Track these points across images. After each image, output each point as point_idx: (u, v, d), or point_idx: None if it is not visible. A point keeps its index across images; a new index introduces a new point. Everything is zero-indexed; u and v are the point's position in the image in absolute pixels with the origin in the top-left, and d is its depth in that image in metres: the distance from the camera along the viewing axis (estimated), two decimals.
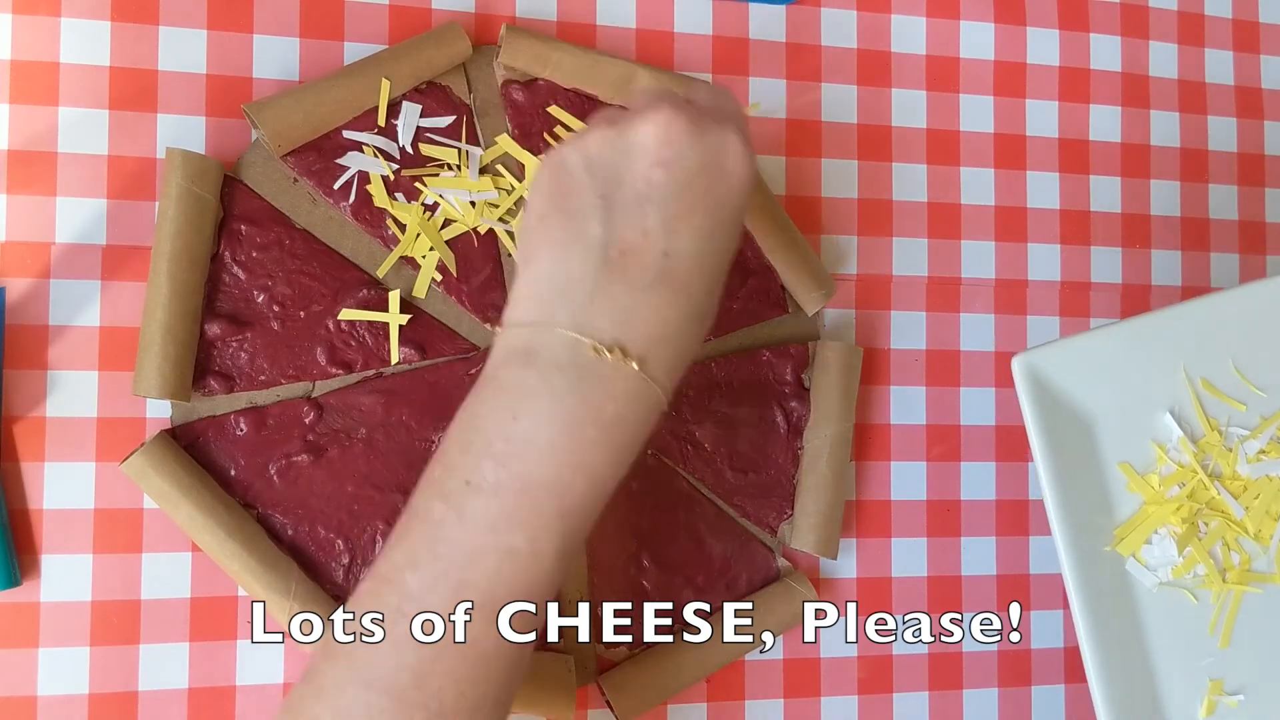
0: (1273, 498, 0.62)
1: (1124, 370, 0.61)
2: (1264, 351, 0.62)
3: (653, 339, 0.44)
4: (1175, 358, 0.61)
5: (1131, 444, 0.62)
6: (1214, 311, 0.61)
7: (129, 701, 0.57)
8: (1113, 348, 0.60)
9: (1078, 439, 0.61)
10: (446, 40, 0.61)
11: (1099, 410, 0.62)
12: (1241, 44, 0.77)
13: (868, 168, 0.69)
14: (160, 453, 0.56)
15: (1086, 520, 0.60)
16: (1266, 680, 0.63)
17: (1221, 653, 0.62)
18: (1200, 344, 0.61)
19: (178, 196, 0.56)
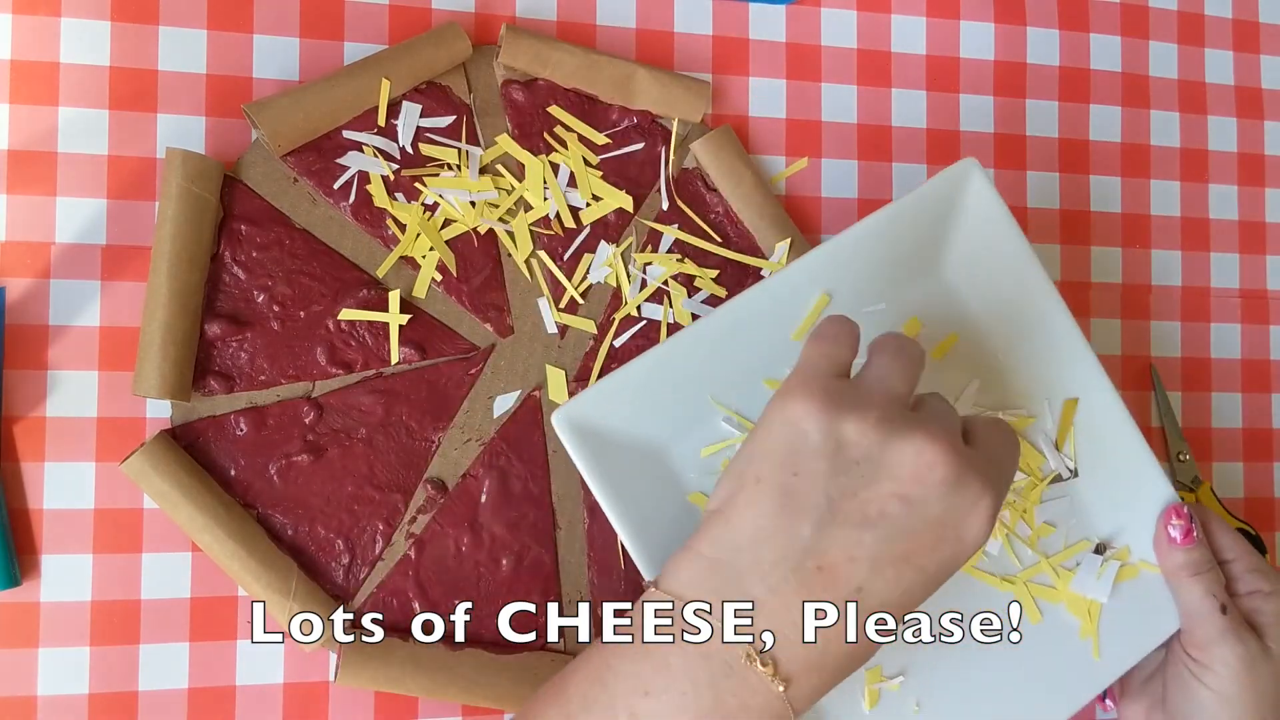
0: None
1: (679, 393, 0.55)
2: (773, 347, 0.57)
3: (807, 664, 0.42)
4: (728, 365, 0.56)
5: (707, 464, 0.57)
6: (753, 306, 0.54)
7: (129, 701, 0.57)
8: (656, 376, 0.54)
9: (655, 474, 0.56)
10: (446, 40, 0.61)
11: (669, 440, 0.56)
12: (1241, 44, 0.77)
13: (867, 168, 0.69)
14: (160, 453, 0.56)
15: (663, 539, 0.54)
16: (923, 649, 0.58)
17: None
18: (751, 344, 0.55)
19: (178, 196, 0.56)
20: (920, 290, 0.58)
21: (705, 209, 0.65)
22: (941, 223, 0.57)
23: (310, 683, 0.59)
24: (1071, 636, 0.58)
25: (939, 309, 0.59)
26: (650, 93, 0.64)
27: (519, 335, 0.63)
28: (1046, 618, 0.59)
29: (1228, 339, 0.75)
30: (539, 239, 0.63)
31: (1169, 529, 0.56)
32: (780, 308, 0.55)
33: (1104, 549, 0.59)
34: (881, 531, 0.42)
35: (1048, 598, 0.59)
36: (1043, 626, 0.58)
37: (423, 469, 0.61)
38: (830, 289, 0.56)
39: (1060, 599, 0.59)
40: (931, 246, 0.58)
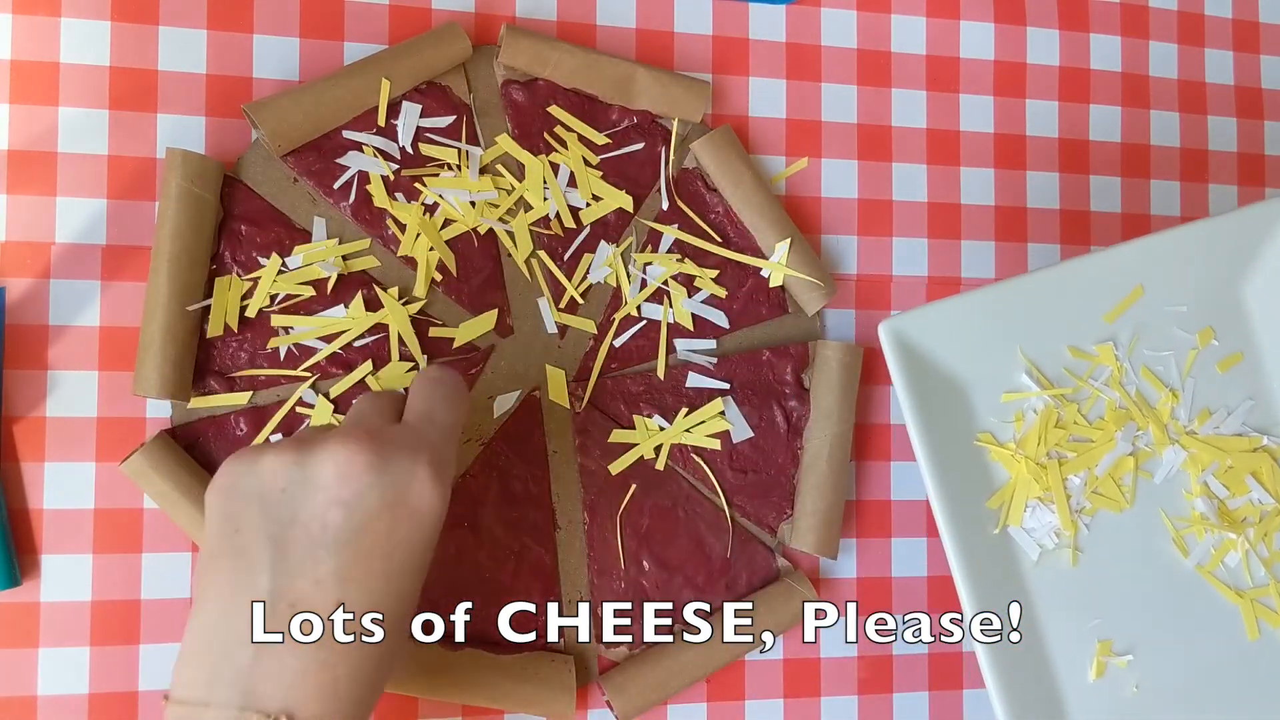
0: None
1: (995, 335, 0.61)
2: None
3: (324, 699, 0.41)
4: (1042, 323, 0.62)
5: (1002, 410, 0.63)
6: (1080, 273, 0.61)
7: (129, 701, 0.57)
8: (983, 312, 0.60)
9: (953, 408, 0.61)
10: (446, 40, 0.61)
11: (972, 377, 0.62)
12: (1241, 44, 0.77)
13: (868, 168, 0.69)
14: (160, 453, 0.56)
15: (964, 491, 0.60)
16: (1153, 636, 0.62)
17: (1108, 614, 0.62)
18: (1063, 309, 0.62)
19: (178, 196, 0.56)
20: (1220, 303, 0.64)
21: (705, 209, 0.65)
22: (1255, 246, 0.62)
23: None
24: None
25: (1232, 325, 0.64)
26: (650, 93, 0.64)
27: (519, 335, 0.63)
28: (1265, 636, 0.63)
29: None
30: (539, 239, 0.63)
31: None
32: (1098, 285, 0.61)
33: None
34: (332, 542, 0.42)
35: (1270, 620, 0.63)
36: (1260, 645, 0.63)
37: None
38: (1144, 281, 0.62)
39: (1279, 624, 0.63)
40: (1240, 265, 0.63)
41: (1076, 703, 0.61)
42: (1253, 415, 0.65)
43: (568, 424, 0.63)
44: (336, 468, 0.42)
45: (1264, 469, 0.64)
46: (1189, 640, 0.63)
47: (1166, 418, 0.64)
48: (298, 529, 0.42)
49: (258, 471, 0.43)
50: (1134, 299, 0.62)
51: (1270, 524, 0.64)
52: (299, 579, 0.41)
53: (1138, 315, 0.63)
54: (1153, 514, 0.64)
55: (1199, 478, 0.64)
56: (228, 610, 0.41)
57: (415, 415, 0.46)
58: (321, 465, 0.42)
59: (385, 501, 0.42)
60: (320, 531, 0.41)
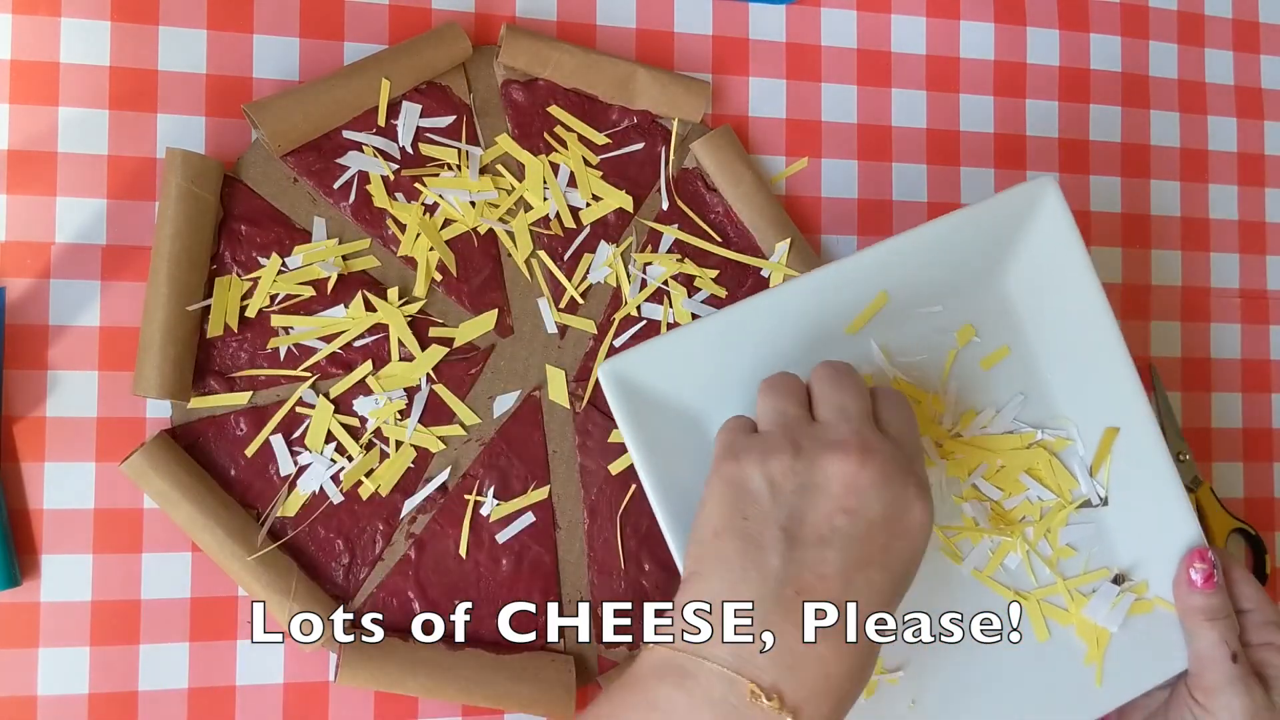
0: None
1: (728, 364, 0.55)
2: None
3: (813, 690, 0.42)
4: (779, 346, 0.56)
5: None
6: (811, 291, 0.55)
7: (129, 701, 0.57)
8: (711, 343, 0.55)
9: (688, 443, 0.55)
10: (446, 40, 0.61)
11: (708, 410, 0.56)
12: (1241, 44, 0.77)
13: (867, 168, 0.69)
14: (160, 453, 0.56)
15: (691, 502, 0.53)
16: (927, 649, 0.58)
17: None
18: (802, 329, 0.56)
19: (178, 196, 0.56)
20: (979, 298, 0.59)
21: (705, 209, 0.65)
22: (1010, 236, 0.57)
23: (310, 683, 0.59)
24: (1076, 660, 0.58)
25: (994, 319, 0.60)
26: (650, 93, 0.64)
27: (519, 335, 0.63)
28: (1054, 637, 0.59)
29: (1228, 339, 0.75)
30: (539, 239, 0.63)
31: (1190, 571, 0.56)
32: (837, 298, 0.56)
33: (1122, 580, 0.59)
34: (839, 545, 0.44)
35: (1058, 619, 0.59)
36: (1049, 646, 0.59)
37: (423, 469, 0.61)
38: (889, 287, 0.56)
39: (1071, 622, 0.59)
40: (996, 257, 0.58)
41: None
42: (1026, 410, 0.60)
43: (568, 424, 0.63)
44: (845, 477, 0.44)
45: (1040, 464, 0.60)
46: (969, 648, 0.58)
47: (931, 423, 0.60)
48: (807, 528, 0.44)
49: (767, 472, 0.45)
50: (878, 306, 0.57)
51: (1053, 519, 0.59)
52: (806, 570, 0.43)
53: (887, 323, 0.58)
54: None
55: (966, 481, 0.60)
56: (735, 581, 0.44)
57: (896, 431, 0.48)
58: (831, 471, 0.44)
59: (886, 515, 0.45)
60: (829, 532, 0.44)
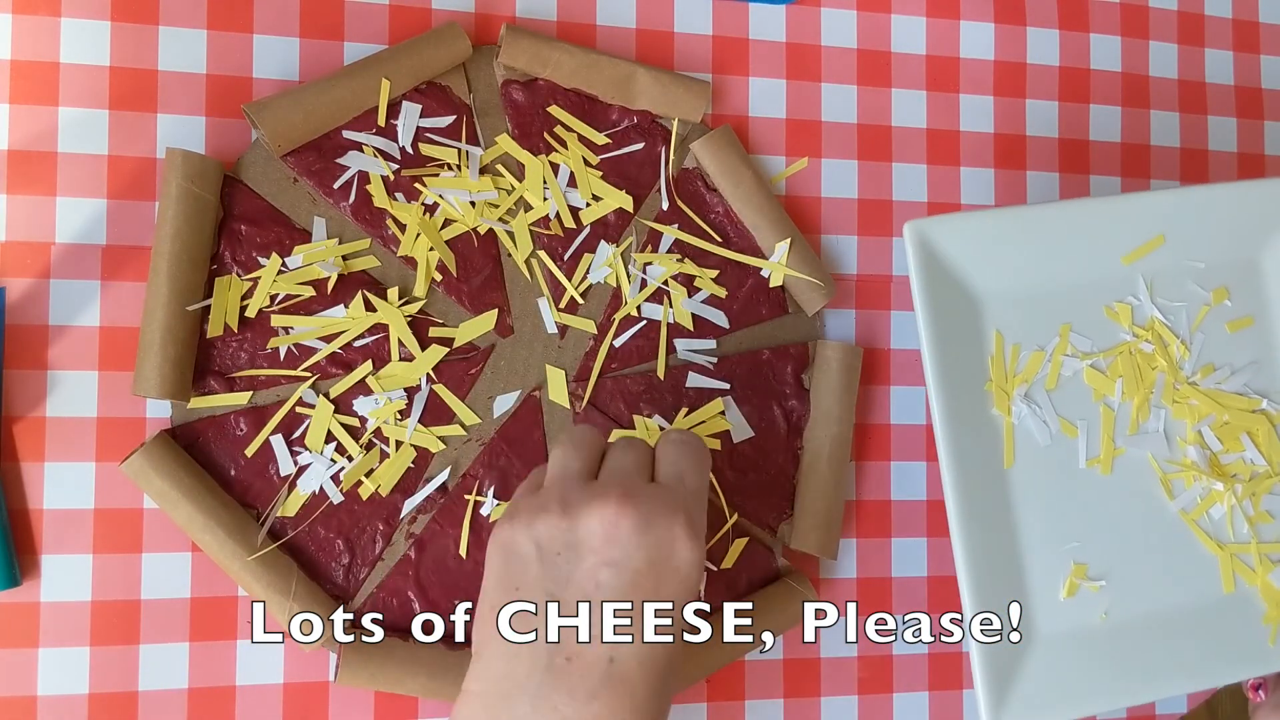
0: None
1: (1015, 255, 0.62)
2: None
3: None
4: (1062, 252, 0.63)
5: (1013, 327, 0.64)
6: (1107, 211, 0.63)
7: (129, 701, 0.57)
8: (1007, 230, 0.62)
9: (965, 316, 0.63)
10: (446, 40, 0.61)
11: (986, 292, 0.63)
12: (1241, 44, 0.77)
13: (867, 168, 0.69)
14: (160, 453, 0.56)
15: (965, 390, 0.61)
16: (1128, 570, 0.64)
17: (1088, 539, 0.63)
18: (1085, 244, 0.63)
19: (178, 196, 0.56)
20: (1238, 266, 0.66)
21: (705, 209, 0.65)
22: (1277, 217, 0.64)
23: (310, 683, 0.59)
24: (1254, 617, 0.64)
25: (1247, 289, 0.66)
26: (650, 93, 0.64)
27: (519, 335, 0.63)
28: (1239, 592, 0.64)
29: None
30: (539, 239, 0.63)
31: (1251, 691, 0.64)
32: (1122, 226, 0.63)
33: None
34: (604, 600, 0.45)
35: (1246, 577, 0.64)
36: (1234, 598, 0.64)
37: (423, 469, 0.61)
38: (1168, 232, 0.64)
39: (1256, 582, 0.64)
40: (1264, 232, 0.65)
41: (1045, 616, 0.62)
42: (1256, 378, 0.66)
43: (568, 424, 0.63)
44: (604, 529, 0.45)
45: (1260, 431, 0.65)
46: (1163, 581, 0.64)
47: (1172, 365, 0.65)
48: (573, 587, 0.45)
49: (534, 535, 0.46)
50: (1154, 246, 0.63)
51: (1260, 485, 0.65)
52: (573, 636, 0.44)
53: (1155, 263, 0.64)
54: (1146, 454, 0.65)
55: (1194, 426, 0.65)
56: (510, 661, 0.45)
57: (667, 476, 0.49)
58: (589, 528, 0.45)
59: (650, 559, 0.45)
60: (594, 589, 0.45)
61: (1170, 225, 0.63)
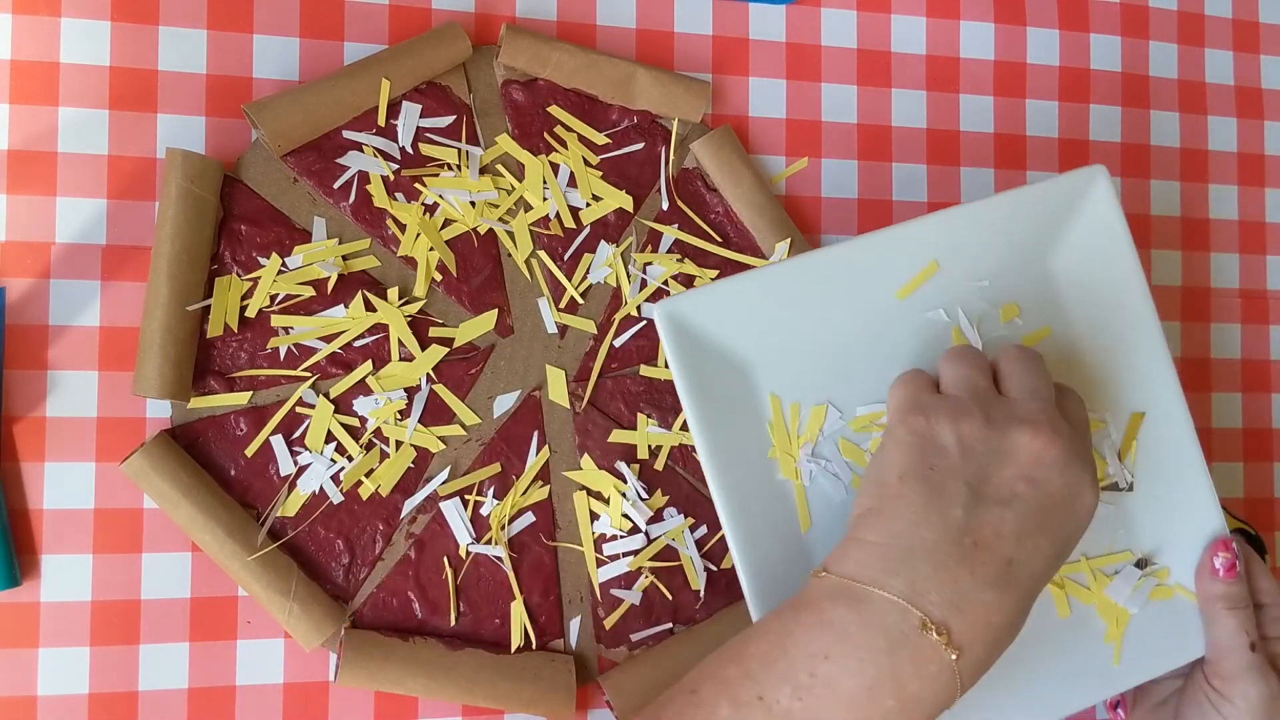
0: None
1: (778, 315, 0.57)
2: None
3: (975, 634, 0.44)
4: (828, 301, 0.57)
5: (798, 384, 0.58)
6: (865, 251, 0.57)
7: (129, 701, 0.57)
8: (763, 292, 0.56)
9: (735, 384, 0.57)
10: (446, 40, 0.61)
11: (757, 354, 0.57)
12: (1241, 44, 0.77)
13: (868, 168, 0.69)
14: (160, 453, 0.56)
15: (747, 464, 0.57)
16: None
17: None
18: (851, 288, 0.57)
19: (178, 196, 0.56)
20: (1024, 278, 0.60)
21: (705, 209, 0.65)
22: (1060, 219, 0.59)
23: (310, 683, 0.59)
24: (1095, 638, 0.59)
25: (1038, 299, 0.61)
26: (650, 93, 0.64)
27: (519, 335, 0.63)
28: (1075, 614, 0.60)
29: (1228, 339, 0.75)
30: (539, 239, 0.63)
31: (1214, 560, 0.58)
32: (891, 262, 0.58)
33: (1145, 564, 0.60)
34: (1018, 508, 0.46)
35: (1080, 597, 0.60)
36: (1069, 622, 0.60)
37: (423, 469, 0.61)
38: (940, 258, 0.58)
39: (1093, 600, 0.60)
40: (1045, 239, 0.59)
41: None
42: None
43: (568, 424, 0.63)
44: (1034, 449, 0.47)
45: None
46: None
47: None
48: (991, 487, 0.47)
49: (957, 430, 0.48)
50: (928, 275, 0.58)
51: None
52: (985, 525, 0.46)
53: (934, 289, 0.58)
54: None
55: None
56: (917, 524, 0.46)
57: (1076, 420, 0.51)
58: (1017, 443, 0.47)
59: (1063, 494, 0.47)
60: (1010, 496, 0.46)
61: (940, 250, 0.58)
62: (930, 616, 0.44)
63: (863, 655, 0.43)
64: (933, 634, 0.44)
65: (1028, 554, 0.46)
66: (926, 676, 0.43)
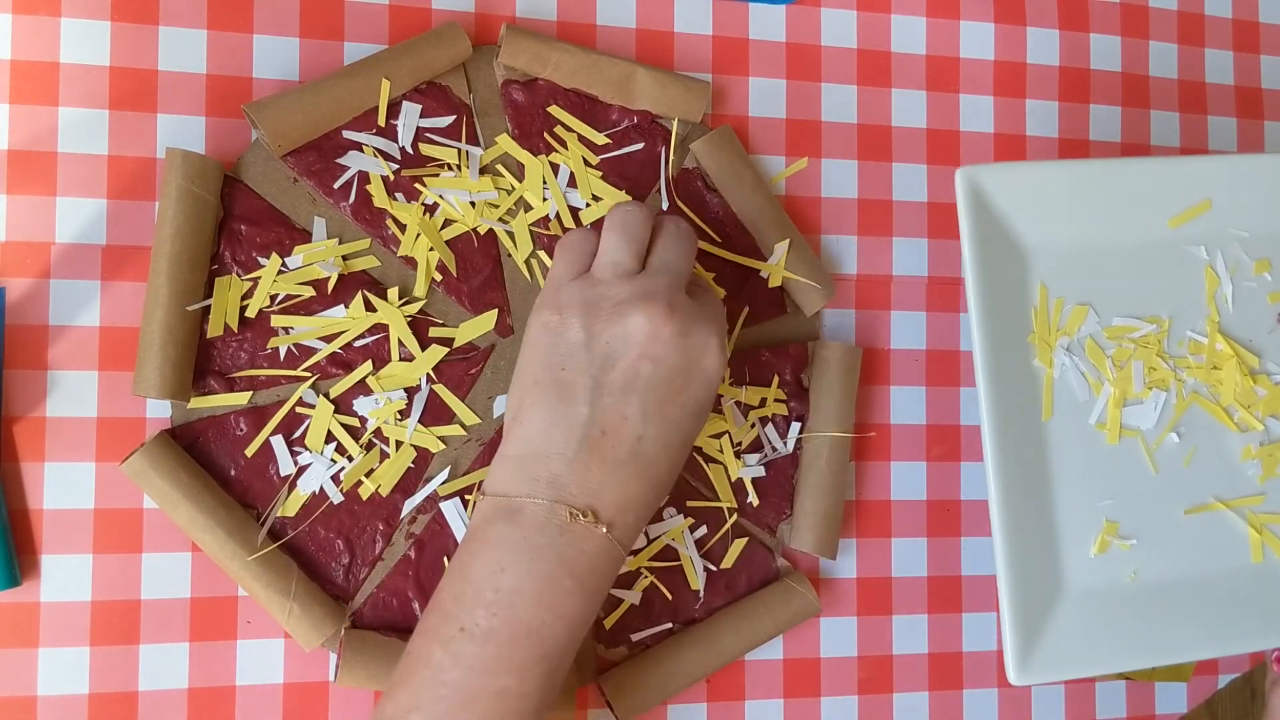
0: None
1: (1063, 208, 0.64)
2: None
3: (619, 508, 0.50)
4: (1109, 209, 0.64)
5: (1064, 279, 0.65)
6: (1155, 173, 0.64)
7: (129, 701, 0.57)
8: (1057, 183, 0.63)
9: (1012, 265, 0.64)
10: (447, 40, 0.61)
11: (1034, 243, 0.64)
12: (1241, 44, 0.77)
13: (868, 168, 0.69)
14: (160, 453, 0.56)
15: (1008, 340, 0.62)
16: (1160, 532, 0.65)
17: (1122, 498, 0.64)
18: (1131, 204, 0.65)
19: (178, 196, 0.56)
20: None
21: (705, 209, 0.65)
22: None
23: (310, 683, 0.59)
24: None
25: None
26: (650, 93, 0.64)
27: (519, 335, 0.63)
28: (1269, 561, 0.65)
29: None
30: (539, 239, 0.63)
31: (1275, 663, 0.65)
32: (1171, 191, 0.64)
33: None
34: (640, 388, 0.51)
35: (1275, 548, 0.65)
36: (1263, 568, 0.65)
37: (423, 469, 0.61)
38: (1215, 197, 0.65)
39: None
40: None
41: (1074, 571, 0.63)
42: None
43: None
44: (649, 328, 0.50)
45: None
46: (1192, 545, 0.65)
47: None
48: (615, 375, 0.51)
49: (585, 325, 0.51)
50: (1200, 211, 0.64)
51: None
52: (610, 413, 0.50)
53: (1199, 229, 0.65)
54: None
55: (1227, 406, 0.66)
56: (548, 428, 0.50)
57: (699, 285, 0.56)
58: (637, 325, 0.51)
59: (685, 362, 0.51)
60: (632, 377, 0.51)
61: (1218, 191, 0.64)
62: (575, 506, 0.49)
63: (530, 555, 0.49)
64: (581, 518, 0.49)
65: (655, 427, 0.51)
66: (591, 552, 0.49)
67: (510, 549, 0.49)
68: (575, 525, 0.49)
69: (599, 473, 0.50)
